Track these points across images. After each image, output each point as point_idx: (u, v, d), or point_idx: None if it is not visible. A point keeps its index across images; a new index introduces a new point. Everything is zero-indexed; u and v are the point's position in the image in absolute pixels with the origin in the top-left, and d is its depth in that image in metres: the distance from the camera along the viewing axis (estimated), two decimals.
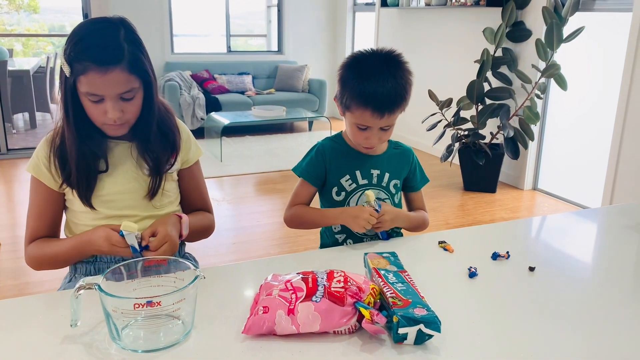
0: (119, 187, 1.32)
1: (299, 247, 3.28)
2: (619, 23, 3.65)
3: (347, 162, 1.50)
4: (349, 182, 1.49)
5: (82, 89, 1.19)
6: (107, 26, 1.21)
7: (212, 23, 7.29)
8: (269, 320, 0.95)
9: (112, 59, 1.16)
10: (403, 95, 1.38)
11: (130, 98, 1.22)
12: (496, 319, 1.04)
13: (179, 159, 1.40)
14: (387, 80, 1.35)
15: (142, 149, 1.33)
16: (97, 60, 1.15)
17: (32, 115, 6.40)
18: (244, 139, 6.05)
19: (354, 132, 1.43)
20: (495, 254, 1.30)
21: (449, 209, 3.99)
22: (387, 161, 1.53)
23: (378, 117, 1.36)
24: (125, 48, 1.19)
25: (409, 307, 0.94)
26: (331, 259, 1.31)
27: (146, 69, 1.24)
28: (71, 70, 1.17)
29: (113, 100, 1.20)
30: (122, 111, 1.22)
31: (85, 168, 1.27)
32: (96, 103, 1.20)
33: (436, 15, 5.30)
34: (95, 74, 1.16)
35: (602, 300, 1.13)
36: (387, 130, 1.42)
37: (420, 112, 4.55)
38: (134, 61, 1.20)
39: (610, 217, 1.67)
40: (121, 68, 1.17)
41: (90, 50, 1.16)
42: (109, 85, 1.17)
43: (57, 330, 0.95)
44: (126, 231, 1.18)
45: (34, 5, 10.36)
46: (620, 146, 3.59)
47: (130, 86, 1.20)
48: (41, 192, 1.31)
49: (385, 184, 1.51)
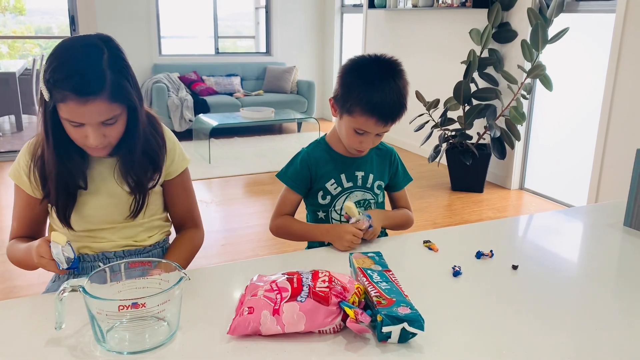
0: (100, 203, 1.30)
1: (287, 248, 3.28)
2: (602, 24, 3.70)
3: (331, 166, 1.51)
4: (334, 186, 1.50)
5: (62, 114, 1.15)
6: (88, 51, 1.14)
7: (199, 25, 7.28)
8: (254, 320, 0.95)
9: (93, 89, 1.11)
10: (405, 105, 1.42)
11: (112, 123, 1.18)
12: (479, 317, 1.05)
13: (162, 173, 1.37)
14: (393, 90, 1.37)
15: (124, 169, 1.29)
16: (77, 90, 1.10)
17: (19, 118, 6.35)
18: (233, 141, 6.04)
19: (349, 136, 1.43)
20: (479, 253, 1.32)
21: (437, 209, 4.01)
22: (371, 162, 1.54)
23: (382, 125, 1.39)
24: (108, 76, 1.12)
25: (393, 306, 0.95)
26: (317, 259, 1.32)
27: (130, 96, 1.18)
28: (50, 96, 1.13)
29: (93, 127, 1.16)
30: (104, 136, 1.19)
31: (64, 189, 1.25)
32: (77, 127, 1.16)
33: (423, 17, 5.33)
34: (75, 104, 1.11)
35: (584, 298, 1.14)
36: (382, 135, 1.45)
37: (408, 113, 4.55)
38: (116, 90, 1.14)
39: (594, 216, 1.69)
40: (102, 98, 1.12)
41: (69, 79, 1.10)
42: (89, 114, 1.13)
43: (41, 333, 0.95)
44: (53, 242, 1.09)
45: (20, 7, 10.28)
46: (604, 145, 3.63)
47: (112, 114, 1.16)
48: (21, 198, 1.31)
49: (369, 185, 1.53)
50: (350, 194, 1.50)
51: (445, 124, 4.37)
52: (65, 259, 1.08)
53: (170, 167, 1.38)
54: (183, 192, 1.43)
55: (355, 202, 1.51)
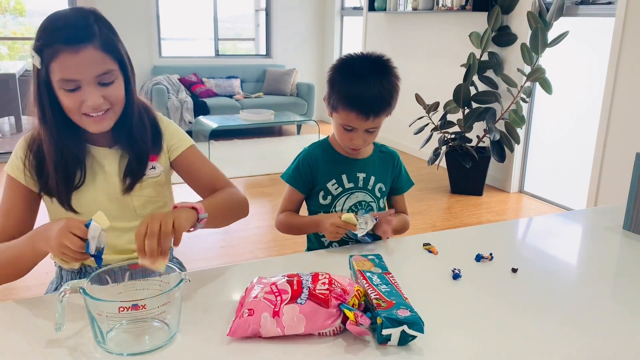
0: (101, 196, 1.26)
1: (286, 250, 3.28)
2: (602, 28, 3.71)
3: (333, 166, 1.51)
4: (335, 186, 1.50)
5: (56, 76, 1.10)
6: (75, 11, 1.14)
7: (200, 27, 7.28)
8: (254, 322, 0.95)
9: (83, 36, 1.09)
10: (388, 100, 1.39)
11: (109, 82, 1.14)
12: (479, 319, 1.05)
13: (161, 159, 1.32)
14: (374, 84, 1.36)
15: (123, 147, 1.25)
16: (67, 40, 1.08)
17: (18, 119, 6.34)
18: (232, 143, 6.04)
19: (340, 133, 1.45)
20: (478, 256, 1.32)
21: (436, 212, 4.01)
22: (373, 165, 1.54)
23: (363, 119, 1.38)
24: (96, 29, 1.11)
25: (393, 309, 0.95)
26: (317, 261, 1.32)
27: (121, 52, 1.16)
28: (41, 59, 1.10)
29: (91, 84, 1.11)
30: (102, 97, 1.13)
31: (63, 169, 1.20)
32: (72, 92, 1.11)
33: (423, 20, 5.34)
34: (67, 54, 1.08)
35: (584, 301, 1.14)
36: (373, 132, 1.43)
37: (408, 116, 4.58)
38: (106, 41, 1.12)
39: (593, 219, 1.70)
40: (94, 46, 1.10)
41: (58, 32, 1.09)
42: (82, 66, 1.09)
43: (41, 335, 0.95)
44: (95, 222, 1.01)
45: (20, 8, 10.28)
46: (604, 149, 3.64)
47: (106, 67, 1.12)
48: (15, 189, 1.23)
49: (370, 187, 1.53)
50: (351, 195, 1.50)
51: (444, 126, 4.38)
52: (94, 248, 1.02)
53: (173, 146, 1.34)
54: (200, 160, 1.37)
55: (356, 203, 1.51)
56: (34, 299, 1.10)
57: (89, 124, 1.17)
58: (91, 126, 1.18)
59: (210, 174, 1.38)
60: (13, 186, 1.23)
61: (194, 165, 1.36)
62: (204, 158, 1.39)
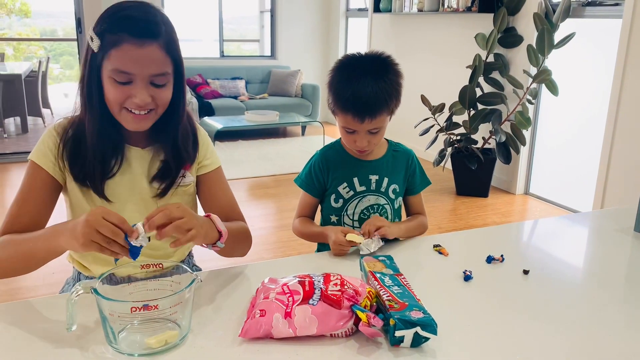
0: (125, 194, 1.22)
1: (292, 252, 3.28)
2: (609, 29, 3.69)
3: (345, 169, 1.50)
4: (346, 189, 1.49)
5: (110, 65, 1.07)
6: (145, 5, 1.12)
7: (205, 28, 7.29)
8: (266, 323, 0.95)
9: (150, 32, 1.07)
10: (385, 100, 1.35)
11: (162, 84, 1.12)
12: (492, 321, 1.04)
13: (193, 169, 1.30)
14: (368, 84, 1.33)
15: (164, 149, 1.22)
16: (134, 31, 1.05)
17: (24, 120, 6.37)
18: (237, 144, 6.05)
19: (343, 136, 1.44)
20: (489, 257, 1.31)
21: (442, 214, 4.00)
22: (385, 165, 1.51)
23: (359, 121, 1.35)
24: (163, 27, 1.10)
25: (406, 310, 0.95)
26: (327, 262, 1.32)
27: (180, 56, 1.15)
28: (101, 44, 1.07)
29: (143, 82, 1.09)
30: (151, 97, 1.11)
31: (101, 158, 1.17)
32: (122, 85, 1.08)
33: (428, 21, 5.33)
34: (130, 46, 1.05)
35: (595, 303, 1.14)
36: (376, 133, 1.40)
37: (413, 117, 4.57)
38: (170, 42, 1.11)
39: (602, 221, 1.69)
40: (158, 45, 1.08)
41: (127, 20, 1.06)
42: (143, 62, 1.07)
43: (52, 334, 0.95)
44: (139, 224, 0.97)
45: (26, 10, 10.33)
46: (610, 151, 3.62)
47: (164, 69, 1.10)
48: (36, 178, 1.17)
49: (384, 190, 1.50)
50: (363, 198, 1.49)
51: (450, 128, 4.37)
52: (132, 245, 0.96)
53: (204, 161, 1.31)
54: (222, 185, 1.34)
55: (368, 207, 1.49)
56: (44, 299, 1.09)
57: (127, 120, 1.14)
58: (130, 123, 1.14)
59: (228, 202, 1.34)
60: (36, 173, 1.17)
61: (216, 187, 1.33)
62: (226, 183, 1.36)
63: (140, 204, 1.24)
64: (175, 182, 1.25)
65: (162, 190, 1.24)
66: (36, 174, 1.17)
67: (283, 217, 3.89)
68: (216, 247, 1.12)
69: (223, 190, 1.34)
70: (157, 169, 1.24)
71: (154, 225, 0.97)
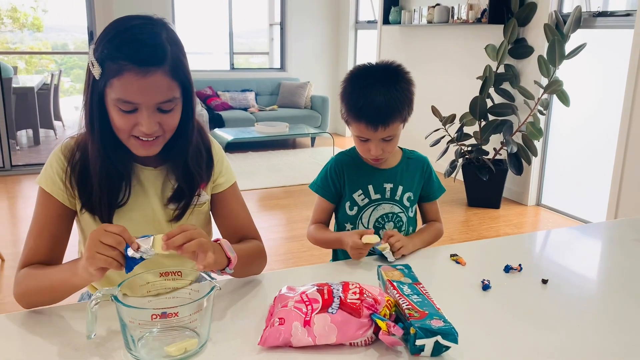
0: (139, 217, 1.18)
1: (303, 263, 3.27)
2: (620, 40, 3.68)
3: (360, 176, 1.50)
4: (361, 197, 1.49)
5: (113, 94, 1.00)
6: (148, 22, 1.02)
7: (215, 41, 7.36)
8: (285, 331, 0.94)
9: (155, 59, 0.99)
10: (397, 108, 1.36)
11: (169, 110, 1.05)
12: (512, 330, 1.03)
13: (208, 187, 1.25)
14: (380, 93, 1.34)
15: (175, 173, 1.17)
16: (137, 59, 0.97)
17: (36, 132, 6.43)
18: (247, 155, 6.06)
19: (357, 145, 1.45)
20: (507, 267, 1.30)
21: (453, 225, 3.98)
22: (400, 174, 1.51)
23: (372, 129, 1.36)
24: (168, 49, 1.01)
25: (426, 319, 0.94)
26: (344, 271, 1.31)
27: (188, 76, 1.06)
28: (102, 72, 1.00)
29: (149, 110, 1.02)
30: (158, 124, 1.05)
31: (108, 187, 1.11)
32: (127, 113, 1.02)
33: (438, 33, 5.34)
34: (133, 76, 0.98)
35: (613, 313, 1.12)
36: (390, 141, 1.41)
37: (424, 128, 4.56)
38: (176, 65, 1.02)
39: (618, 231, 1.67)
40: (163, 71, 1.00)
41: (128, 47, 0.98)
42: (147, 91, 0.99)
43: (73, 342, 0.95)
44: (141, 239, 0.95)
45: (38, 24, 10.47)
46: (623, 161, 3.60)
47: (170, 95, 1.03)
48: (48, 207, 1.13)
49: (398, 198, 1.50)
50: (378, 206, 1.49)
51: (461, 139, 4.36)
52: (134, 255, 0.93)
53: (219, 179, 1.26)
54: (238, 203, 1.29)
55: (383, 215, 1.49)
56: (65, 307, 1.09)
57: (136, 147, 1.08)
58: (138, 150, 1.09)
59: (244, 220, 1.30)
60: (48, 203, 1.13)
61: (231, 206, 1.28)
62: (242, 199, 1.31)
63: (157, 228, 1.20)
64: (191, 204, 1.21)
65: (178, 214, 1.20)
66: (49, 203, 1.13)
67: (293, 228, 3.89)
68: (225, 273, 1.09)
69: (239, 208, 1.30)
70: (171, 190, 1.19)
71: (173, 245, 0.95)
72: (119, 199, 1.14)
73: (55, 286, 1.05)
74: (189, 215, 1.22)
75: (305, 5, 7.14)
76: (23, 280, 1.08)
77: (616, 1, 3.94)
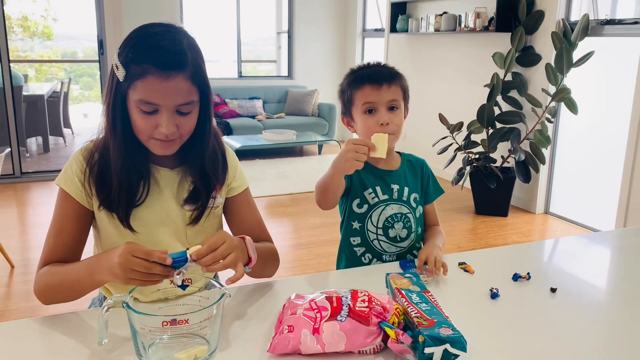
0: (155, 218, 1.21)
1: (310, 270, 3.27)
2: (628, 48, 3.68)
3: (370, 176, 1.50)
4: (371, 195, 1.49)
5: (136, 96, 1.07)
6: (170, 30, 1.10)
7: (223, 49, 7.41)
8: (295, 339, 0.94)
9: (176, 64, 1.05)
10: (398, 75, 1.47)
11: (187, 112, 1.11)
12: (520, 339, 1.03)
13: (223, 191, 1.29)
14: (377, 65, 1.48)
15: (192, 174, 1.21)
16: (159, 63, 1.04)
17: (46, 140, 6.48)
18: (255, 163, 6.08)
19: (364, 122, 1.43)
20: (516, 275, 1.30)
21: (461, 233, 3.97)
22: (404, 175, 1.53)
23: (377, 88, 1.41)
24: (189, 55, 1.08)
25: (435, 327, 0.94)
26: (352, 279, 1.31)
27: (207, 82, 1.13)
28: (126, 74, 1.06)
29: (169, 111, 1.08)
30: (176, 126, 1.10)
31: (127, 185, 1.15)
32: (148, 114, 1.08)
33: (445, 41, 5.36)
34: (155, 79, 1.04)
35: (622, 322, 1.12)
36: (396, 112, 1.43)
37: (431, 136, 4.57)
38: (196, 71, 1.09)
39: (627, 240, 1.66)
40: (184, 76, 1.06)
41: (152, 52, 1.05)
42: (168, 93, 1.06)
43: (84, 348, 0.96)
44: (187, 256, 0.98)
45: (48, 33, 10.58)
46: (632, 169, 3.58)
47: (190, 98, 1.09)
48: (67, 207, 1.17)
49: (405, 199, 1.51)
50: (387, 206, 1.49)
51: (468, 146, 4.36)
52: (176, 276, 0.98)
53: (233, 183, 1.31)
54: (250, 208, 1.33)
55: (392, 215, 1.48)
56: (77, 313, 1.10)
57: (155, 147, 1.14)
58: (157, 149, 1.14)
59: (257, 223, 1.34)
60: (67, 203, 1.18)
61: (245, 210, 1.32)
62: (254, 204, 1.35)
63: (172, 228, 1.23)
64: (207, 206, 1.24)
65: (195, 217, 1.23)
66: (67, 203, 1.18)
67: (300, 235, 3.89)
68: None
69: (252, 211, 1.34)
70: (187, 191, 1.23)
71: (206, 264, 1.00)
72: (137, 197, 1.18)
73: (78, 282, 1.10)
74: (205, 218, 1.25)
75: (313, 14, 7.18)
76: (44, 277, 1.14)
77: (624, 9, 3.94)
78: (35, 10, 9.99)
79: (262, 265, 1.21)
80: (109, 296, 1.30)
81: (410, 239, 1.51)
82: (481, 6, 4.70)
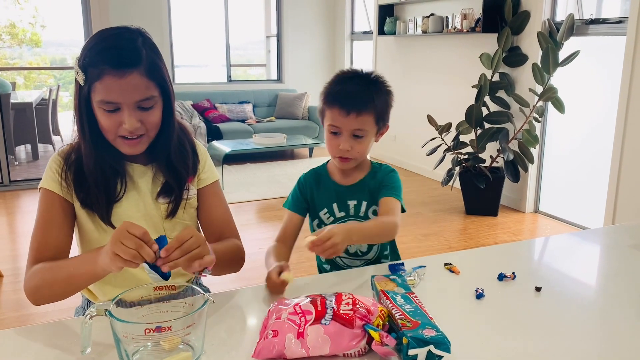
0: (133, 213, 1.24)
1: (302, 273, 3.25)
2: (613, 47, 3.71)
3: (324, 195, 1.49)
4: (326, 215, 1.49)
5: (97, 97, 1.11)
6: (123, 31, 1.14)
7: (212, 54, 7.40)
8: (279, 343, 0.95)
9: (129, 61, 1.09)
10: (372, 99, 1.37)
11: (149, 107, 1.14)
12: (505, 339, 1.04)
13: (194, 182, 1.32)
14: (357, 83, 1.39)
15: (160, 169, 1.25)
16: (113, 63, 1.08)
17: (35, 147, 6.44)
18: (246, 167, 6.08)
19: (328, 141, 1.43)
20: (501, 275, 1.30)
21: (451, 233, 3.99)
22: (364, 189, 1.48)
23: (344, 114, 1.35)
24: (143, 52, 1.12)
25: (418, 329, 0.94)
26: (338, 282, 1.32)
27: (165, 77, 1.16)
28: (85, 78, 1.11)
29: (130, 108, 1.12)
30: (140, 122, 1.14)
31: (104, 184, 1.19)
32: (111, 113, 1.12)
33: (433, 43, 5.38)
34: (111, 78, 1.08)
35: (609, 320, 1.13)
36: (360, 140, 1.38)
37: (420, 137, 4.59)
38: (152, 67, 1.12)
39: (615, 237, 1.68)
40: (139, 72, 1.10)
41: (105, 52, 1.09)
42: (125, 90, 1.09)
43: (67, 357, 0.95)
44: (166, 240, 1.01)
45: (36, 40, 10.53)
46: (620, 166, 3.61)
47: (149, 93, 1.13)
48: (52, 203, 1.19)
49: (363, 214, 1.47)
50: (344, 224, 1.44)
51: (457, 147, 4.38)
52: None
53: (202, 174, 1.34)
54: (218, 199, 1.36)
55: None
56: (59, 322, 1.10)
57: (123, 146, 1.18)
58: (125, 148, 1.18)
59: (224, 217, 1.36)
60: (50, 199, 1.20)
61: (212, 202, 1.35)
62: (223, 198, 1.38)
63: (150, 222, 1.26)
64: (179, 200, 1.27)
65: (172, 209, 1.27)
66: (51, 200, 1.20)
67: None
68: (203, 275, 1.10)
69: (219, 204, 1.36)
70: (160, 185, 1.27)
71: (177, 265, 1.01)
72: (116, 194, 1.22)
73: (74, 276, 1.10)
74: (182, 210, 1.29)
75: (301, 17, 7.20)
76: (37, 274, 1.13)
77: (609, 9, 3.97)
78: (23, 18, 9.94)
79: (222, 265, 1.21)
80: (94, 300, 1.31)
81: (373, 251, 1.51)
82: (468, 7, 4.73)
